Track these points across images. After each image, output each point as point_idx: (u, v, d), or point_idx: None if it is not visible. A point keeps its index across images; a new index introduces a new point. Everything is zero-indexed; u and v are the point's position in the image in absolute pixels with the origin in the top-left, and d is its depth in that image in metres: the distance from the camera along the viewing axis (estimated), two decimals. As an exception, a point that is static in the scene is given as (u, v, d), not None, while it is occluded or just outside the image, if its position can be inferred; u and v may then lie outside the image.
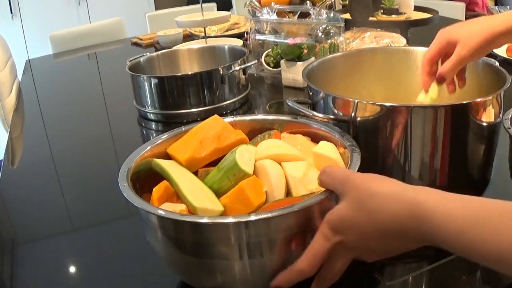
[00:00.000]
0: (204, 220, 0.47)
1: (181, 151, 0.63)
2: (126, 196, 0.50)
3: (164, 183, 0.59)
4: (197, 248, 0.49)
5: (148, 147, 0.63)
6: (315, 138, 0.64)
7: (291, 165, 0.58)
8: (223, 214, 0.56)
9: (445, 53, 0.69)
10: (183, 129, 0.67)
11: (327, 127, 0.64)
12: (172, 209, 0.54)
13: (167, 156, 0.64)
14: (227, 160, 0.59)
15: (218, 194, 0.58)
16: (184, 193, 0.57)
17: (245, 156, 0.59)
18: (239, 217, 0.48)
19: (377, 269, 0.61)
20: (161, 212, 0.49)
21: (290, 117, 0.67)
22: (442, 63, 0.69)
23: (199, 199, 0.56)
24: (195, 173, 0.62)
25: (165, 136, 0.66)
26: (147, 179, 0.61)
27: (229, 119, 0.68)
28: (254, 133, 0.67)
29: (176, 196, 0.58)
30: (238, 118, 0.69)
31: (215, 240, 0.48)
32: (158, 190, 0.58)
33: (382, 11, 1.64)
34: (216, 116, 0.67)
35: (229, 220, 0.47)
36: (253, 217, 0.47)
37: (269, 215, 0.47)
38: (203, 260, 0.49)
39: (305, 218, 0.49)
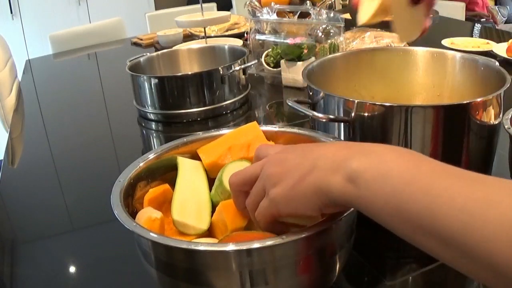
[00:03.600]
0: (184, 245, 0.45)
1: (208, 153, 0.61)
2: (116, 215, 0.49)
3: (163, 187, 0.59)
4: (191, 275, 0.47)
5: (141, 163, 0.59)
6: None
7: None
8: (212, 231, 0.54)
9: None
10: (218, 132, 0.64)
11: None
12: (148, 216, 0.52)
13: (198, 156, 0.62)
14: (217, 176, 0.57)
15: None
16: (173, 202, 0.55)
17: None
18: (217, 246, 0.45)
19: (378, 269, 0.61)
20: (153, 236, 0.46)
21: (332, 138, 0.62)
22: None
23: (185, 212, 0.54)
24: None
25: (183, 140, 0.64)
26: (167, 175, 0.60)
27: (272, 128, 0.65)
28: None
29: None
30: (282, 129, 0.65)
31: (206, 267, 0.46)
32: (153, 191, 0.58)
33: (382, 11, 1.64)
34: (254, 123, 0.63)
35: (207, 248, 0.45)
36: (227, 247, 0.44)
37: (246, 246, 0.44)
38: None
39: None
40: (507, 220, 0.30)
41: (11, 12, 3.44)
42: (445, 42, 1.58)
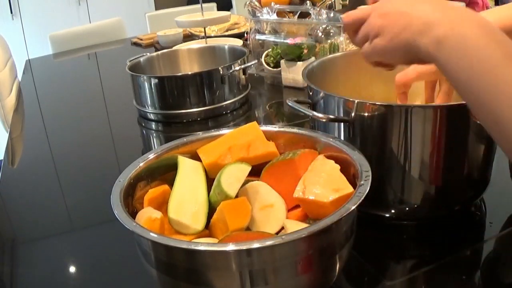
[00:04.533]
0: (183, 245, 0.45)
1: (208, 154, 0.61)
2: (116, 215, 0.49)
3: (162, 187, 0.59)
4: (191, 275, 0.47)
5: (141, 163, 0.60)
6: (342, 165, 0.58)
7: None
8: (212, 231, 0.55)
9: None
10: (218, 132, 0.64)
11: (357, 155, 0.56)
12: (148, 216, 0.52)
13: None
14: (216, 177, 0.57)
15: (215, 208, 0.55)
16: (170, 200, 0.55)
17: (232, 176, 0.55)
18: (217, 246, 0.46)
19: (378, 269, 0.61)
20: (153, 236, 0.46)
21: (332, 138, 0.61)
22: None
23: (181, 211, 0.54)
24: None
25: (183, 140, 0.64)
26: (167, 175, 0.60)
27: (272, 128, 0.65)
28: (292, 147, 0.62)
29: None
30: (282, 129, 0.65)
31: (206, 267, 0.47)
32: (153, 192, 0.58)
33: (382, 11, 1.64)
34: (254, 123, 0.63)
35: (207, 248, 0.45)
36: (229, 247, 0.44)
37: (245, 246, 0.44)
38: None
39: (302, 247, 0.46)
40: None
41: (11, 12, 3.44)
42: (445, 42, 1.58)
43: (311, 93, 0.72)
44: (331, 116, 0.65)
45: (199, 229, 0.54)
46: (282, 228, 0.54)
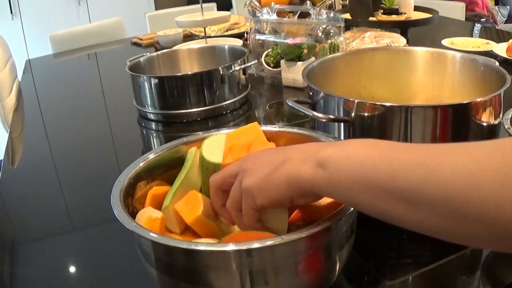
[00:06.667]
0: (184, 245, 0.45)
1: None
2: (116, 215, 0.49)
3: (166, 188, 0.59)
4: (191, 275, 0.47)
5: (141, 163, 0.60)
6: None
7: None
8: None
9: None
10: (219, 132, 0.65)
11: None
12: (148, 216, 0.52)
13: None
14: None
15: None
16: (170, 192, 0.56)
17: (212, 147, 0.58)
18: (217, 246, 0.46)
19: (378, 269, 0.61)
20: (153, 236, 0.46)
21: (332, 138, 0.61)
22: None
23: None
24: None
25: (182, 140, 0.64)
26: (167, 175, 0.61)
27: (272, 128, 0.65)
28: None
29: None
30: (282, 129, 0.65)
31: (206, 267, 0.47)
32: (157, 189, 0.58)
33: (382, 11, 1.64)
34: (255, 123, 0.63)
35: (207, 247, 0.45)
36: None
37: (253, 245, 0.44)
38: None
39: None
40: (462, 165, 0.33)
41: (11, 12, 3.44)
42: (445, 42, 1.58)
43: (311, 93, 0.72)
44: (331, 116, 0.65)
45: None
46: None
